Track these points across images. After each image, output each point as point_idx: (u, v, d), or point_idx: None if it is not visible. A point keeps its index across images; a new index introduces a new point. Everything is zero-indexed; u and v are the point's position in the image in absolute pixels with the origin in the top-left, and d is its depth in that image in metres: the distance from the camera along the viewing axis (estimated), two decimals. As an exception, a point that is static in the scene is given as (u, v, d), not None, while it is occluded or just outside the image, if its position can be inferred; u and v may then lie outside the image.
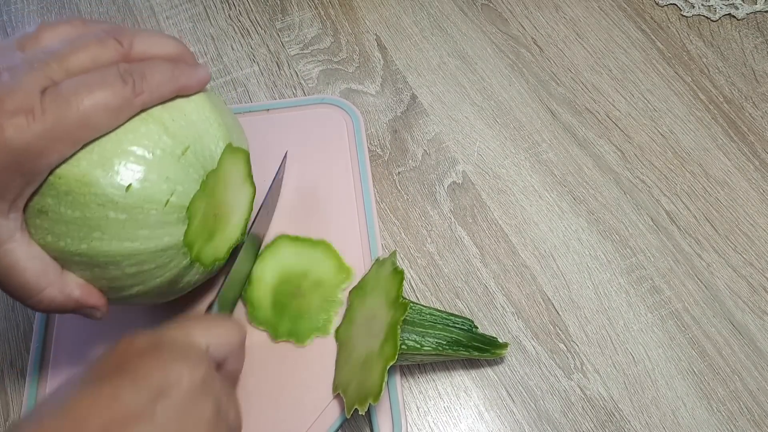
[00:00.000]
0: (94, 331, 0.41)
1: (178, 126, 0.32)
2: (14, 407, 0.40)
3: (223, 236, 0.37)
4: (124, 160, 0.30)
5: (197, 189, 0.32)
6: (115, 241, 0.30)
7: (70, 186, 0.29)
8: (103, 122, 0.29)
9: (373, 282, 0.39)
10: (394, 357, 0.33)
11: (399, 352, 0.34)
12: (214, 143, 0.34)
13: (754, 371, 0.39)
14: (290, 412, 0.38)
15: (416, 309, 0.38)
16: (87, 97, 0.28)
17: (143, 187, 0.30)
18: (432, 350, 0.37)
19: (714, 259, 0.43)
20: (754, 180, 0.46)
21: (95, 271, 0.31)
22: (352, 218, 0.45)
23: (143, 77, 0.31)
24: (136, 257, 0.31)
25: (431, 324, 0.38)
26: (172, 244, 0.32)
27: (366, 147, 0.48)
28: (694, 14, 0.55)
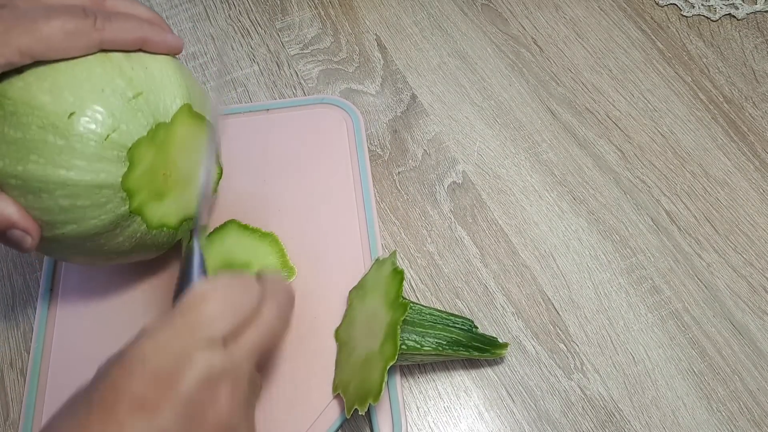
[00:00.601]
0: (94, 331, 0.41)
1: (135, 74, 0.33)
2: (14, 407, 0.40)
3: (175, 202, 0.36)
4: (73, 91, 0.31)
5: (143, 135, 0.33)
6: (50, 167, 0.31)
7: (17, 107, 0.30)
8: (56, 43, 0.30)
9: (373, 282, 0.39)
10: (394, 357, 0.33)
11: (399, 352, 0.34)
12: (171, 99, 0.34)
13: (754, 371, 0.39)
14: (290, 412, 0.38)
15: (416, 309, 0.38)
16: (45, 15, 0.30)
17: (85, 116, 0.31)
18: (432, 350, 0.37)
19: (714, 259, 0.43)
20: (754, 180, 0.46)
21: (29, 198, 0.31)
22: (352, 218, 0.45)
23: (107, 18, 0.32)
24: (70, 188, 0.31)
25: (431, 324, 0.38)
26: (108, 182, 0.32)
27: (366, 147, 0.48)
28: (694, 14, 0.55)
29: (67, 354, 0.40)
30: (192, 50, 0.55)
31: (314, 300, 0.42)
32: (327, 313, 0.41)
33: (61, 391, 0.39)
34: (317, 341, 0.40)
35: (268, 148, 0.48)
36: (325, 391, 0.38)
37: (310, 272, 0.43)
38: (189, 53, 0.55)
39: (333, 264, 0.43)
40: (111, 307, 0.42)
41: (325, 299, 0.42)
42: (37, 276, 0.44)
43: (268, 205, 0.45)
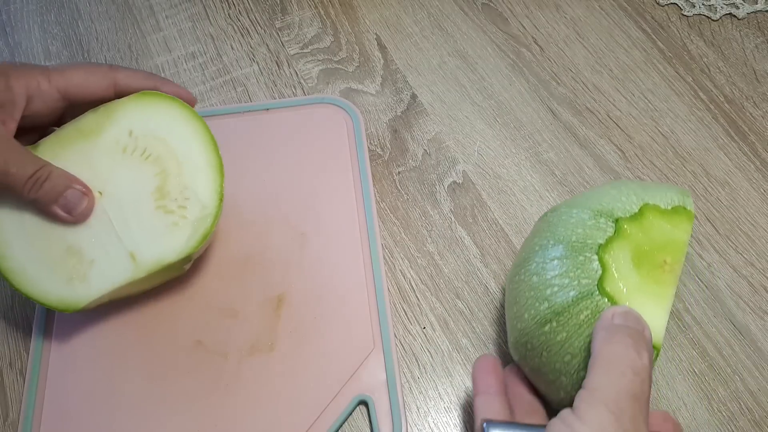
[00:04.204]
0: (93, 331, 0.41)
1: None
2: (13, 407, 0.40)
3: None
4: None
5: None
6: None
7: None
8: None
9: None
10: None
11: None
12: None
13: (755, 371, 0.39)
14: (290, 412, 0.38)
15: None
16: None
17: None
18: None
19: (715, 259, 0.43)
20: (755, 180, 0.46)
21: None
22: (352, 218, 0.44)
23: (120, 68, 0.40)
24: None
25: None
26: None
27: (366, 147, 0.48)
28: (694, 14, 0.55)
29: (66, 354, 0.40)
30: (191, 50, 0.55)
31: (314, 300, 0.42)
32: (327, 313, 0.41)
33: (61, 391, 0.39)
34: (317, 341, 0.40)
35: (268, 148, 0.48)
36: (325, 391, 0.38)
37: (309, 272, 0.43)
38: (188, 53, 0.55)
39: (333, 264, 0.43)
40: (111, 307, 0.42)
41: (325, 299, 0.42)
42: (36, 276, 0.44)
43: (267, 205, 0.45)
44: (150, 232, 0.37)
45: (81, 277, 0.37)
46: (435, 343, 0.41)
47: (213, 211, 0.37)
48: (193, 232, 0.37)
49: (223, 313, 0.41)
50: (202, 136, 0.39)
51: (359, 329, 0.40)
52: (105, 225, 0.37)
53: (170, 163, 0.38)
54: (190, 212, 0.37)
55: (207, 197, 0.37)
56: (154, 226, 0.37)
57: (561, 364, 0.32)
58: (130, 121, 0.39)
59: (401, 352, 0.41)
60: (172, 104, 0.39)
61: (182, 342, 0.40)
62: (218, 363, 0.40)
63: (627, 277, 0.32)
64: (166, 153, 0.38)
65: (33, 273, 0.37)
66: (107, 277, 0.37)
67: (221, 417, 0.38)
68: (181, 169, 0.38)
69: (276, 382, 0.39)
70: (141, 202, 0.38)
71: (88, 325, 0.41)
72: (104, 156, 0.38)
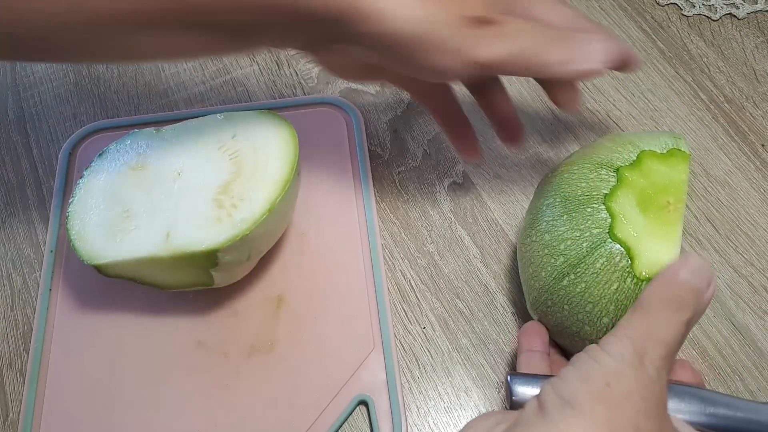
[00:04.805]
0: (93, 331, 0.41)
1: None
2: (13, 407, 0.40)
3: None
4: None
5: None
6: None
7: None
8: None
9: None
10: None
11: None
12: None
13: (755, 371, 0.39)
14: (290, 412, 0.38)
15: None
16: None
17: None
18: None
19: (715, 259, 0.43)
20: (755, 180, 0.46)
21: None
22: (351, 218, 0.44)
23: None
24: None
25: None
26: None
27: (366, 147, 0.48)
28: (694, 14, 0.55)
29: (66, 354, 0.40)
30: (192, 50, 0.55)
31: (314, 300, 0.42)
32: (327, 313, 0.41)
33: (61, 392, 0.39)
34: (317, 341, 0.40)
35: (268, 148, 0.48)
36: (325, 391, 0.38)
37: (309, 272, 0.43)
38: (189, 53, 0.54)
39: (333, 264, 0.43)
40: (111, 307, 0.42)
41: (325, 299, 0.42)
42: (36, 276, 0.44)
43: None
44: (194, 218, 0.38)
45: (117, 238, 0.38)
46: (435, 343, 0.41)
47: (256, 217, 0.37)
48: (228, 230, 0.37)
49: (223, 313, 0.41)
50: (289, 156, 0.39)
51: (359, 329, 0.40)
52: (164, 200, 0.39)
53: (247, 168, 0.39)
54: (237, 213, 0.37)
55: (258, 204, 0.37)
56: (201, 214, 0.38)
57: (583, 314, 0.34)
58: (240, 128, 0.41)
59: (401, 352, 0.41)
60: (283, 123, 0.41)
61: (182, 342, 0.40)
62: (218, 363, 0.40)
63: (635, 221, 0.34)
64: (250, 158, 0.39)
65: (87, 222, 0.39)
66: (136, 246, 0.37)
67: (221, 417, 0.38)
68: (253, 175, 0.39)
69: (276, 382, 0.39)
70: (204, 191, 0.39)
71: (88, 325, 0.41)
72: (203, 147, 0.40)
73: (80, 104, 0.52)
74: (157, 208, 0.39)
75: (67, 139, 0.49)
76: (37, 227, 0.46)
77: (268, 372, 0.39)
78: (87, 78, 0.54)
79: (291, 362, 0.40)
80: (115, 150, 0.42)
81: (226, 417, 0.38)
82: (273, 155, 0.39)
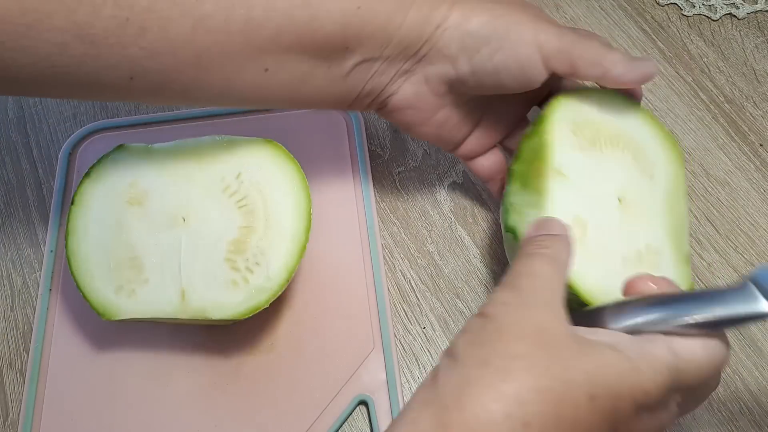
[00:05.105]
0: (93, 331, 0.41)
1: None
2: (13, 407, 0.40)
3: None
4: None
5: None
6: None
7: None
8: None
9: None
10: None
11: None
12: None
13: (755, 372, 0.39)
14: (290, 412, 0.38)
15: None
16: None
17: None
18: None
19: (715, 259, 0.43)
20: (755, 180, 0.46)
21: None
22: (351, 218, 0.44)
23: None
24: None
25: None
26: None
27: (366, 147, 0.48)
28: (694, 14, 0.55)
29: (66, 354, 0.40)
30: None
31: (314, 300, 0.42)
32: (327, 313, 0.41)
33: (61, 392, 0.39)
34: (317, 341, 0.40)
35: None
36: (325, 391, 0.38)
37: (309, 272, 0.43)
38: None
39: (333, 264, 0.43)
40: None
41: (325, 299, 0.42)
42: (36, 276, 0.44)
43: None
44: (209, 279, 0.36)
45: (129, 292, 0.36)
46: (435, 343, 0.41)
47: (274, 287, 0.36)
48: (247, 299, 0.36)
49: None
50: (303, 208, 0.38)
51: (359, 329, 0.40)
52: (174, 251, 0.37)
53: (259, 222, 0.37)
54: (254, 278, 0.36)
55: (276, 272, 0.36)
56: (216, 275, 0.36)
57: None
58: (244, 163, 0.39)
59: (401, 352, 0.41)
60: (292, 166, 0.39)
61: (182, 342, 0.40)
62: (218, 363, 0.40)
63: (520, 204, 0.36)
64: (261, 209, 0.38)
65: (92, 268, 0.37)
66: (151, 303, 0.36)
67: (221, 417, 0.38)
68: (267, 232, 0.37)
69: (276, 382, 0.39)
70: (215, 246, 0.37)
71: (88, 326, 0.41)
72: (204, 186, 0.38)
73: (80, 104, 0.52)
74: (167, 258, 0.37)
75: (67, 139, 0.49)
76: (37, 227, 0.46)
77: (268, 372, 0.39)
78: (87, 78, 0.54)
79: (291, 362, 0.40)
80: (104, 171, 0.39)
81: (226, 417, 0.38)
82: (286, 208, 0.38)
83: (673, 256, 0.36)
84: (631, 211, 0.36)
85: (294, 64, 0.34)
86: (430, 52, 0.35)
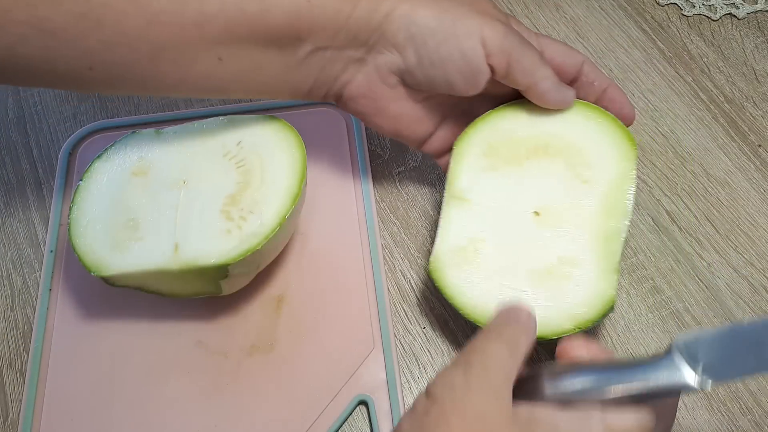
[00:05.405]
0: (93, 331, 0.41)
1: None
2: (13, 407, 0.40)
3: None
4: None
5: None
6: None
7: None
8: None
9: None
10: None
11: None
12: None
13: (755, 371, 0.39)
14: (290, 412, 0.38)
15: None
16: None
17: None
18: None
19: (715, 259, 0.43)
20: (755, 180, 0.46)
21: None
22: (351, 218, 0.44)
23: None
24: None
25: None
26: None
27: (366, 147, 0.48)
28: (694, 14, 0.55)
29: (66, 354, 0.40)
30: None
31: (314, 300, 0.42)
32: (327, 313, 0.41)
33: (61, 392, 0.39)
34: (317, 341, 0.40)
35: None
36: (324, 391, 0.38)
37: (309, 272, 0.43)
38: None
39: (333, 264, 0.43)
40: (111, 307, 0.42)
41: (325, 299, 0.42)
42: (36, 276, 0.44)
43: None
44: (203, 231, 0.37)
45: (124, 248, 0.37)
46: (435, 343, 0.41)
47: (266, 231, 0.36)
48: (239, 244, 0.36)
49: (223, 313, 0.41)
50: (297, 166, 0.39)
51: (359, 329, 0.40)
52: (170, 210, 0.38)
53: (255, 178, 0.38)
54: (247, 225, 0.37)
55: (268, 217, 0.37)
56: (210, 226, 0.37)
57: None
58: (245, 134, 0.40)
59: (401, 352, 0.41)
60: (290, 132, 0.40)
61: (182, 342, 0.40)
62: (218, 363, 0.40)
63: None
64: (258, 168, 0.39)
65: (90, 231, 0.38)
66: (144, 257, 0.37)
67: (221, 417, 0.38)
68: (261, 186, 0.38)
69: (276, 382, 0.39)
70: (211, 202, 0.38)
71: (88, 325, 0.41)
72: (207, 153, 0.40)
73: (80, 104, 0.52)
74: (164, 217, 0.38)
75: (67, 139, 0.49)
76: (37, 227, 0.46)
77: (268, 372, 0.39)
78: (87, 78, 0.54)
79: (291, 362, 0.40)
80: (114, 152, 0.41)
81: (226, 417, 0.38)
82: (281, 165, 0.39)
83: (595, 265, 0.35)
84: (549, 223, 0.36)
85: (247, 53, 0.35)
86: (379, 41, 0.36)
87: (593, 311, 0.35)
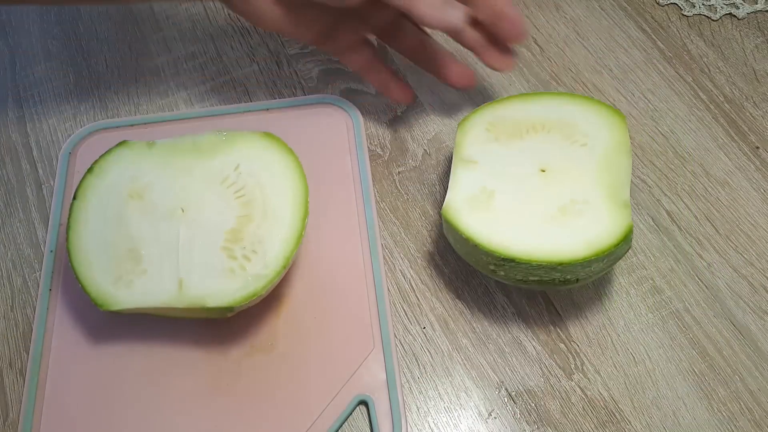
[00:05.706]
0: (93, 331, 0.41)
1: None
2: (13, 407, 0.40)
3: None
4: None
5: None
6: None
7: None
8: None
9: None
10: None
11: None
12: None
13: (755, 371, 0.39)
14: (290, 412, 0.38)
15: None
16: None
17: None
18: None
19: (715, 259, 0.43)
20: (755, 180, 0.46)
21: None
22: (351, 218, 0.44)
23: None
24: None
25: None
26: None
27: (366, 147, 0.48)
28: (694, 14, 0.55)
29: (66, 354, 0.40)
30: (191, 50, 0.55)
31: (314, 300, 0.42)
32: (327, 313, 0.41)
33: (61, 392, 0.39)
34: (317, 341, 0.40)
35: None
36: (325, 391, 0.38)
37: (309, 272, 0.43)
38: (188, 53, 0.55)
39: (333, 264, 0.43)
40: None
41: (325, 299, 0.42)
42: (36, 276, 0.44)
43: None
44: (206, 268, 0.37)
45: (127, 283, 0.37)
46: (435, 343, 0.41)
47: (271, 275, 0.36)
48: (243, 287, 0.36)
49: (223, 312, 0.41)
50: (300, 199, 0.38)
51: (359, 329, 0.40)
52: (172, 242, 0.37)
53: (257, 211, 0.38)
54: (251, 267, 0.36)
55: (272, 259, 0.37)
56: (213, 264, 0.37)
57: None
58: (243, 156, 0.40)
59: (401, 352, 0.41)
60: (289, 157, 0.40)
61: (182, 342, 0.40)
62: (218, 363, 0.40)
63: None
64: (259, 200, 0.38)
65: (92, 260, 0.37)
66: (149, 293, 0.36)
67: (221, 417, 0.38)
68: (264, 221, 0.38)
69: (276, 382, 0.39)
70: (212, 236, 0.37)
71: (88, 325, 0.41)
72: (203, 178, 0.39)
73: (80, 104, 0.52)
74: (165, 249, 0.37)
75: (67, 139, 0.49)
76: (37, 227, 0.46)
77: (268, 372, 0.39)
78: (87, 78, 0.54)
79: (291, 362, 0.40)
80: (107, 168, 0.40)
81: (226, 416, 0.38)
82: (283, 197, 0.38)
83: (605, 202, 0.38)
84: (556, 177, 0.39)
85: None
86: None
87: (614, 237, 0.36)
